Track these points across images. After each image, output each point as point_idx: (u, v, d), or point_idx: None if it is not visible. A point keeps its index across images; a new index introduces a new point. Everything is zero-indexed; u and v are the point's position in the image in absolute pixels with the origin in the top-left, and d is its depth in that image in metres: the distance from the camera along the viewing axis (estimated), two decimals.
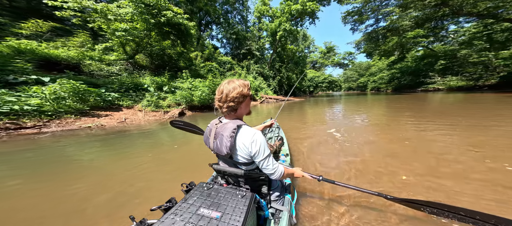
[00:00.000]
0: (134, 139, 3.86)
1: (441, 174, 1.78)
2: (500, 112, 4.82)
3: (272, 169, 0.86)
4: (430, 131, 3.34)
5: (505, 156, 2.09)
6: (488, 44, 16.81)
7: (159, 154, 2.83)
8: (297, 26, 20.43)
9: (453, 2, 13.18)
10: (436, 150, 2.40)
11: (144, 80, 8.61)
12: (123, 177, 2.08)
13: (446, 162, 2.04)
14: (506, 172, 1.76)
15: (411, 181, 1.69)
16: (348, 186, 1.14)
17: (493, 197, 1.40)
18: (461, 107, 6.39)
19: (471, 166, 1.91)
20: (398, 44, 21.97)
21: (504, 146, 2.40)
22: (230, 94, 0.82)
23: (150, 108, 7.12)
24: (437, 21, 17.38)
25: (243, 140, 0.82)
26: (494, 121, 3.77)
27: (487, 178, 1.66)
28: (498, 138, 2.71)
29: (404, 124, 4.03)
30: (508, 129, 3.16)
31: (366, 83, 43.66)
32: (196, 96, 8.77)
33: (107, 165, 2.48)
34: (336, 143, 2.97)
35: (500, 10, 12.97)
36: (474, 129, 3.31)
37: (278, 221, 0.93)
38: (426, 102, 9.19)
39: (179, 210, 0.69)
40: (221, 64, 17.85)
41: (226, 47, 24.31)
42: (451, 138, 2.87)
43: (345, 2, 19.22)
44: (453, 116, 4.68)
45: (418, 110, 6.30)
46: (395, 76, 30.73)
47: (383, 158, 2.24)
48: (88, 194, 1.69)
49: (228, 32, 20.94)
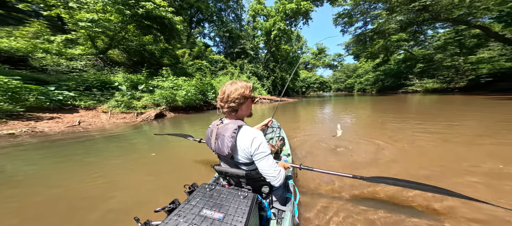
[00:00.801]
0: (91, 145, 3.23)
1: (415, 160, 2.23)
2: (463, 112, 5.59)
3: (273, 171, 0.84)
4: (412, 129, 3.79)
5: (455, 143, 2.75)
6: (459, 49, 18.32)
7: (127, 164, 2.39)
8: (291, 26, 20.51)
9: (432, 8, 14.06)
10: (416, 142, 2.87)
11: (115, 78, 7.57)
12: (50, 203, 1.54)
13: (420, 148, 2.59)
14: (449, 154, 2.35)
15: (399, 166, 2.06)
16: (324, 171, 1.18)
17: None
18: (436, 108, 7.11)
19: (429, 148, 2.57)
20: (383, 46, 23.02)
21: (457, 134, 3.14)
22: (232, 95, 0.84)
23: (119, 109, 6.23)
24: (418, 25, 18.26)
25: (244, 140, 0.83)
26: (459, 119, 4.59)
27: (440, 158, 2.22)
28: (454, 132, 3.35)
29: (389, 124, 4.53)
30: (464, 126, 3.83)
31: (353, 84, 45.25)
32: (180, 96, 7.95)
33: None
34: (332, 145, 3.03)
35: (470, 17, 14.19)
36: (438, 124, 4.02)
37: (280, 221, 0.94)
38: (406, 103, 9.82)
39: (182, 211, 0.70)
40: (213, 62, 17.02)
41: (219, 46, 23.57)
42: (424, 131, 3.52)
43: (337, 4, 19.62)
44: (428, 114, 5.48)
45: (402, 111, 6.69)
46: (379, 78, 32.11)
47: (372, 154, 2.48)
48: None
49: (221, 29, 20.19)
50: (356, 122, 5.11)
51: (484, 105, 6.89)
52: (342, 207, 1.37)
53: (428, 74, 22.02)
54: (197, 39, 20.44)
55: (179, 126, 5.28)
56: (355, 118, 5.65)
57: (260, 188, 0.95)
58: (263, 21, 20.86)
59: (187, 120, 6.46)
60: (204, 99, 9.86)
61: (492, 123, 3.83)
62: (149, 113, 6.57)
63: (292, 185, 1.22)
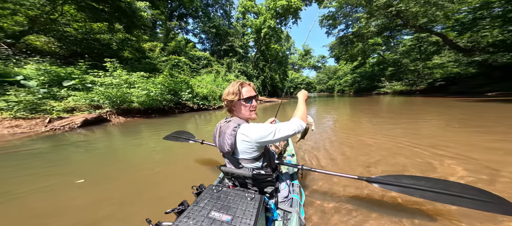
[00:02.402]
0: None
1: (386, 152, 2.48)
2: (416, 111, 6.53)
3: (291, 130, 0.86)
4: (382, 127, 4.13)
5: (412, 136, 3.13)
6: (419, 55, 20.32)
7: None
8: (281, 25, 20.52)
9: (404, 14, 15.45)
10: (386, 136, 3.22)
11: (21, 70, 5.42)
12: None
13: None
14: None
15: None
16: (325, 172, 1.21)
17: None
18: (402, 107, 8.22)
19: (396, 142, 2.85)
20: (361, 50, 24.32)
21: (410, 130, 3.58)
22: (223, 96, 0.95)
23: (15, 113, 4.30)
24: (391, 31, 19.64)
25: (244, 134, 0.85)
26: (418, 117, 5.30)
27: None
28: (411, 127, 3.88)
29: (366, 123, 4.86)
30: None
31: (334, 85, 47.17)
32: (139, 95, 6.33)
33: None
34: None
35: (431, 25, 16.00)
36: (400, 121, 4.68)
37: (287, 223, 0.94)
38: (379, 103, 10.62)
39: (191, 213, 0.71)
40: (194, 59, 15.40)
41: (205, 43, 21.82)
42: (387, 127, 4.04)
43: (323, 6, 20.19)
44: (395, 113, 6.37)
45: (375, 112, 7.05)
46: (356, 80, 33.87)
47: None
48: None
49: (206, 25, 18.59)
50: (340, 121, 5.33)
51: (443, 105, 7.67)
52: (348, 208, 1.33)
53: (397, 77, 23.79)
54: (178, 35, 18.77)
55: (127, 135, 4.00)
56: (336, 120, 5.68)
57: (266, 189, 0.95)
58: (253, 19, 20.33)
59: (145, 126, 4.97)
60: (176, 100, 8.21)
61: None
62: (72, 119, 4.75)
63: (297, 186, 1.23)
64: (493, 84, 12.68)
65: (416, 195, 0.91)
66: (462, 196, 0.82)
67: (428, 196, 0.88)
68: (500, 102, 7.36)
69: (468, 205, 0.80)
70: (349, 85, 36.99)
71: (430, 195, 0.88)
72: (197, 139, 1.84)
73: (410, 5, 14.16)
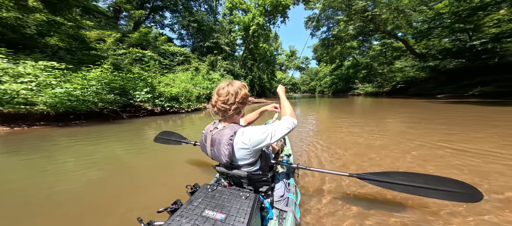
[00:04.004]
0: None
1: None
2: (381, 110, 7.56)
3: (286, 129, 0.85)
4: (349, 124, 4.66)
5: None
6: (385, 59, 22.66)
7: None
8: (270, 23, 20.24)
9: (375, 20, 16.98)
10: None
11: None
12: None
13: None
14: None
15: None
16: (320, 170, 1.26)
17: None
18: (372, 107, 9.50)
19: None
20: (339, 52, 25.69)
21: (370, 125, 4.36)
22: (238, 96, 0.85)
23: None
24: (364, 35, 20.91)
25: (242, 144, 0.83)
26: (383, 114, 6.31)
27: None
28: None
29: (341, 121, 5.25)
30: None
31: (315, 86, 49.04)
32: (51, 94, 4.65)
33: None
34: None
35: (395, 32, 18.12)
36: (368, 119, 5.43)
37: (282, 222, 0.95)
38: (353, 104, 11.53)
39: (185, 212, 0.71)
40: (168, 55, 13.45)
41: (185, 40, 19.56)
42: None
43: (308, 7, 20.60)
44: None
45: (349, 112, 7.63)
46: (334, 81, 35.55)
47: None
48: None
49: (186, 19, 16.52)
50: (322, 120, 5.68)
51: (403, 105, 8.96)
52: (341, 205, 1.39)
53: (368, 79, 25.58)
54: (152, 29, 16.68)
55: (45, 145, 3.14)
56: (320, 121, 5.82)
57: (261, 188, 0.96)
58: (241, 15, 19.51)
59: (40, 141, 3.65)
60: (125, 101, 6.52)
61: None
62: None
63: (293, 185, 1.26)
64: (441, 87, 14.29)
65: (397, 190, 1.01)
66: (439, 189, 0.91)
67: (410, 191, 0.97)
68: (447, 104, 8.59)
69: (446, 197, 0.90)
70: (328, 86, 38.83)
71: (410, 189, 0.97)
72: (189, 141, 1.77)
73: (383, 10, 15.60)
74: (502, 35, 11.50)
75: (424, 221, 1.19)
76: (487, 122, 4.06)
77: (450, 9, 12.95)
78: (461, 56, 14.18)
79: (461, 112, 5.75)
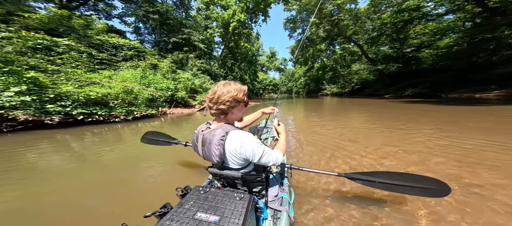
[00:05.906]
0: None
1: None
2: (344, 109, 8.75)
3: (273, 161, 0.88)
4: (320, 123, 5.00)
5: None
6: (344, 62, 25.22)
7: None
8: (252, 22, 19.56)
9: (339, 25, 18.94)
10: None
11: None
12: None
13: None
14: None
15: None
16: (312, 170, 1.33)
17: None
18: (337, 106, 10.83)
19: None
20: (311, 54, 26.85)
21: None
22: (223, 96, 0.82)
23: None
24: (330, 39, 22.47)
25: (233, 146, 0.80)
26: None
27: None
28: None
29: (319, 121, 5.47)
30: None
31: (292, 87, 50.98)
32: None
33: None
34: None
35: (354, 37, 20.48)
36: (333, 116, 6.09)
37: (277, 221, 0.96)
38: (323, 104, 12.29)
39: (175, 215, 0.68)
40: (108, 47, 10.48)
41: (143, 34, 16.41)
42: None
43: (287, 8, 21.06)
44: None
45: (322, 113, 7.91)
46: (307, 82, 37.43)
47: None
48: None
49: (142, 8, 13.72)
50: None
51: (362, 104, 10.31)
52: (331, 203, 1.46)
53: (333, 81, 27.71)
54: (95, 20, 12.98)
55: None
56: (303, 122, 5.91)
57: (255, 188, 0.97)
58: (219, 11, 17.77)
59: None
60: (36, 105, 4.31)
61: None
62: None
63: (287, 185, 1.29)
64: (386, 88, 16.31)
65: (380, 188, 1.12)
66: (415, 186, 1.04)
67: (391, 189, 1.09)
68: (392, 103, 10.15)
69: (421, 194, 1.03)
70: (303, 87, 40.73)
71: (391, 187, 1.09)
72: (179, 141, 1.75)
73: (346, 16, 17.44)
74: (419, 46, 13.99)
75: (402, 212, 1.31)
76: (419, 118, 4.98)
77: (391, 20, 14.89)
78: (397, 61, 16.55)
79: (398, 110, 7.07)
